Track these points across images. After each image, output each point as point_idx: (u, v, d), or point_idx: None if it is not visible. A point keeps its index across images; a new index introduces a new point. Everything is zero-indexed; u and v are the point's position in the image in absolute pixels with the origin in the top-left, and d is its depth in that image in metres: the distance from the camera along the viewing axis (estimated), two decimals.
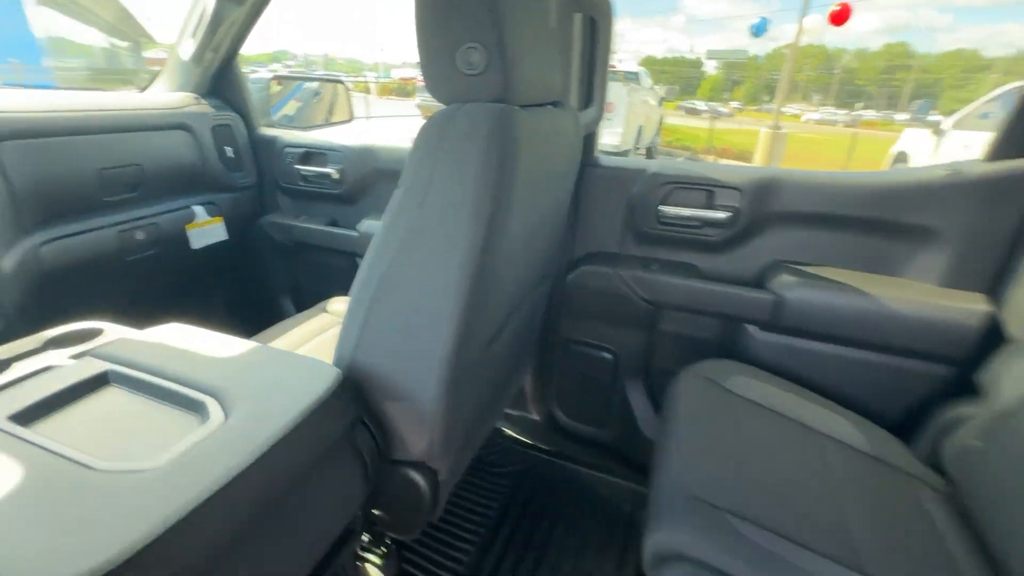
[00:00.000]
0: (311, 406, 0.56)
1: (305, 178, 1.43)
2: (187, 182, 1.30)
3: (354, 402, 0.65)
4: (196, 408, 0.54)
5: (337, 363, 0.68)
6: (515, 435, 1.36)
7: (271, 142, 1.46)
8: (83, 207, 1.08)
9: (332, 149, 1.39)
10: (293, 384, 0.59)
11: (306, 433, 0.54)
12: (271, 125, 1.54)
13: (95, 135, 1.09)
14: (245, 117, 1.45)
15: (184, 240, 1.30)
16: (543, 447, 1.33)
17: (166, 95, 1.34)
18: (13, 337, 0.72)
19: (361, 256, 1.40)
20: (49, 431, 0.49)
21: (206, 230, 1.35)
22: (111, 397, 0.56)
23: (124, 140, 1.15)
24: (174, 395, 0.55)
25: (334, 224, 1.45)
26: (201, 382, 0.57)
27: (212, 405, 0.54)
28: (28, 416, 0.51)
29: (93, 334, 0.70)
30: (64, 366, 0.60)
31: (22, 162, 0.97)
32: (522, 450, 1.32)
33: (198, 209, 1.32)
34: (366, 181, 1.38)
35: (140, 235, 1.19)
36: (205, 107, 1.36)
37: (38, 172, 1.00)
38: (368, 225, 1.35)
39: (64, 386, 0.54)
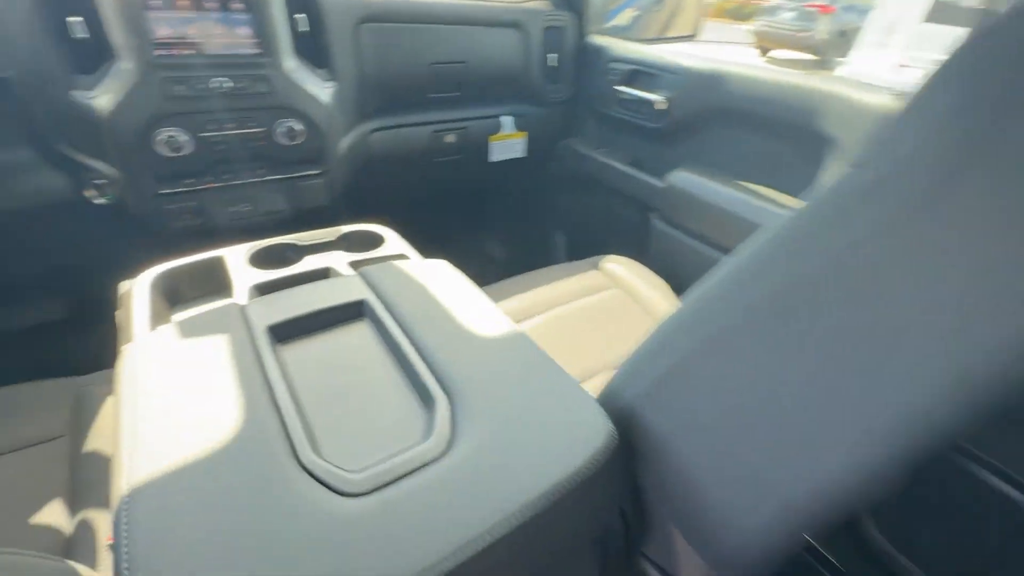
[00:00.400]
0: (569, 477, 0.35)
1: (622, 102, 1.18)
2: (503, 89, 1.21)
3: (622, 478, 0.42)
4: (425, 402, 0.42)
5: (604, 402, 0.44)
6: None
7: (597, 52, 1.24)
8: (411, 101, 1.09)
9: (668, 70, 1.09)
10: (547, 425, 0.39)
11: (554, 516, 0.34)
12: (603, 33, 1.31)
13: (434, 24, 1.05)
14: (580, 18, 1.25)
15: (484, 151, 1.24)
16: (836, 564, 0.89)
17: None
18: (334, 213, 0.81)
19: (657, 214, 1.12)
20: (291, 360, 0.46)
21: (508, 144, 1.27)
22: (356, 338, 0.51)
23: (457, 33, 1.08)
24: (409, 368, 0.45)
25: (637, 165, 1.20)
26: (442, 365, 0.44)
27: (442, 409, 0.40)
28: (283, 332, 0.49)
29: (377, 241, 0.71)
30: (338, 277, 0.59)
31: (373, 46, 0.98)
32: (807, 558, 0.91)
33: (506, 120, 1.23)
34: (698, 119, 1.05)
35: (450, 138, 1.16)
36: (543, 2, 1.21)
37: (384, 59, 1.01)
38: (680, 178, 1.04)
39: (326, 306, 0.52)
